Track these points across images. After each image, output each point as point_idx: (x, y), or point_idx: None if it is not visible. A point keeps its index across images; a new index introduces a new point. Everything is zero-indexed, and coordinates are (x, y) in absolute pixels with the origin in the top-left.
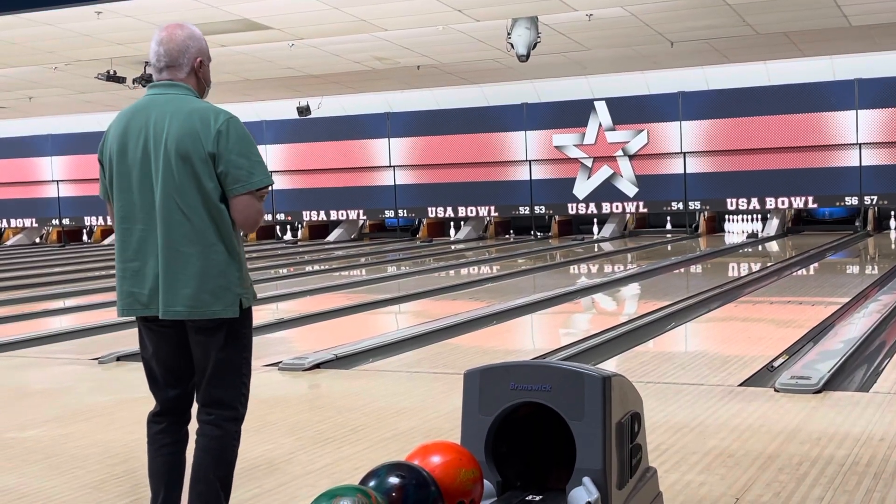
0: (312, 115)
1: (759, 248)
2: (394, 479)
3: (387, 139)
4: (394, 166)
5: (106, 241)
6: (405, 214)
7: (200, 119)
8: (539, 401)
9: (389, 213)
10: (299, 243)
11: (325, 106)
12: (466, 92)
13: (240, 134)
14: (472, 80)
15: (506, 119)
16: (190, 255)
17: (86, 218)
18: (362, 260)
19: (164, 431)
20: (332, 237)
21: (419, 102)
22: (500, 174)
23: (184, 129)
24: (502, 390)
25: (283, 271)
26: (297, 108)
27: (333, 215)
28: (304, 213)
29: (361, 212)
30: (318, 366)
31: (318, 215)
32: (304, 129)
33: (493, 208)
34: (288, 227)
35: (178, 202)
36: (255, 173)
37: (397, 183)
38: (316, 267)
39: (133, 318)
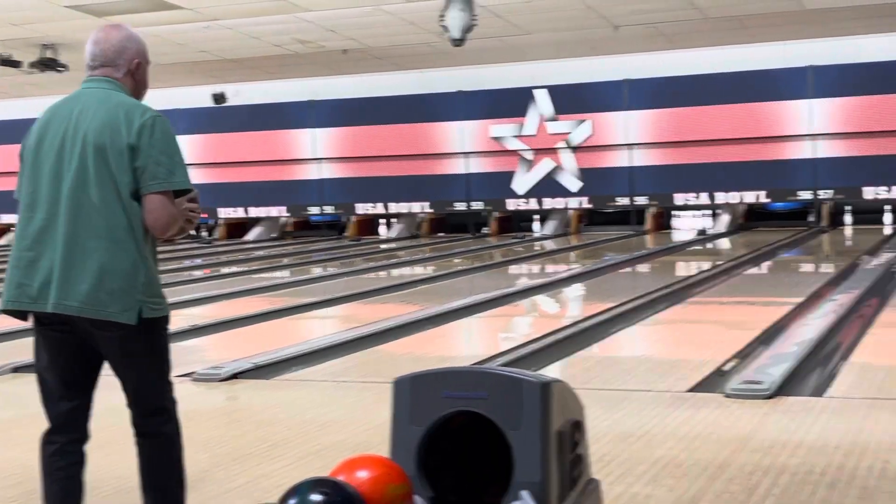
0: (229, 104)
1: (709, 245)
2: (316, 497)
3: (311, 129)
4: (319, 159)
5: (2, 241)
6: (331, 211)
7: (126, 112)
8: (474, 410)
9: (314, 210)
10: (215, 242)
11: (244, 93)
12: (397, 78)
13: (165, 132)
14: (403, 65)
15: (440, 108)
16: (94, 250)
17: None
18: (285, 260)
19: (59, 453)
20: (251, 236)
21: (346, 89)
22: (434, 167)
23: (106, 119)
24: (435, 399)
25: (198, 273)
26: (213, 96)
27: (253, 212)
28: (220, 209)
29: (284, 208)
30: (235, 376)
31: (236, 212)
32: (220, 118)
33: (426, 204)
34: (203, 224)
35: (89, 193)
36: (176, 174)
37: (323, 177)
38: (234, 268)
39: (29, 325)
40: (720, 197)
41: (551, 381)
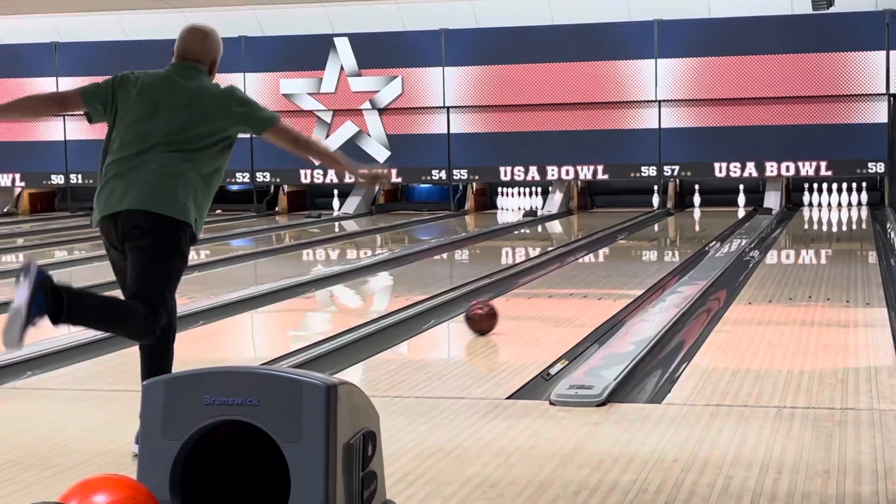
0: None
1: (539, 228)
2: None
3: (55, 78)
4: (63, 116)
5: None
6: (79, 181)
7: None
8: (242, 418)
9: (58, 179)
10: None
11: None
12: (164, 19)
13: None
14: (171, 2)
15: None
16: None
17: None
18: (19, 241)
19: None
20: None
21: (100, 31)
22: None
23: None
24: (194, 406)
25: None
26: None
27: None
28: None
29: (18, 176)
30: None
31: None
32: None
33: None
34: None
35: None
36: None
37: (69, 138)
38: None
39: None
40: (552, 172)
41: (338, 383)
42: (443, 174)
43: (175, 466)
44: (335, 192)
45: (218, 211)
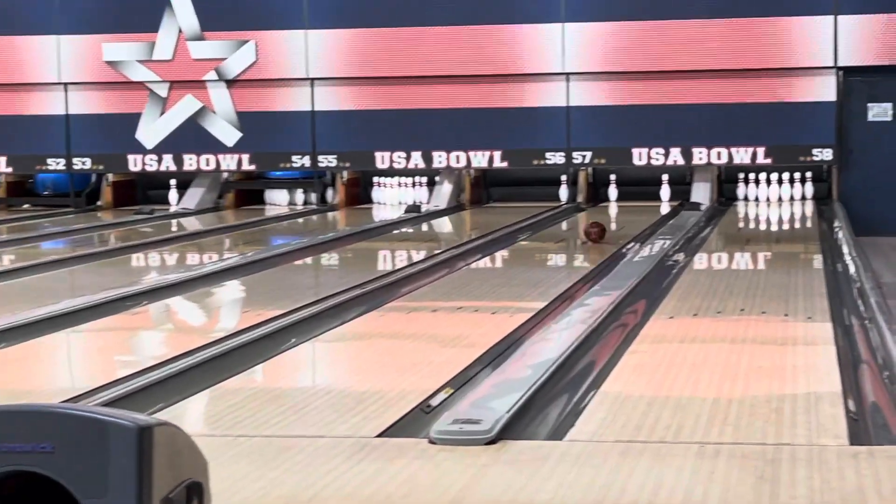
0: None
1: (424, 227)
2: None
3: None
4: None
5: None
6: None
7: None
8: (32, 469)
9: None
10: None
11: None
12: None
13: None
14: None
15: (25, 16)
16: None
17: None
18: None
19: None
20: None
21: None
22: (13, 104)
23: None
24: None
25: None
26: None
27: None
28: None
29: None
30: None
31: None
32: None
33: (5, 161)
34: None
35: None
36: None
37: None
38: None
39: None
40: (439, 158)
41: (155, 424)
42: (306, 160)
43: None
44: (172, 182)
45: (25, 206)
